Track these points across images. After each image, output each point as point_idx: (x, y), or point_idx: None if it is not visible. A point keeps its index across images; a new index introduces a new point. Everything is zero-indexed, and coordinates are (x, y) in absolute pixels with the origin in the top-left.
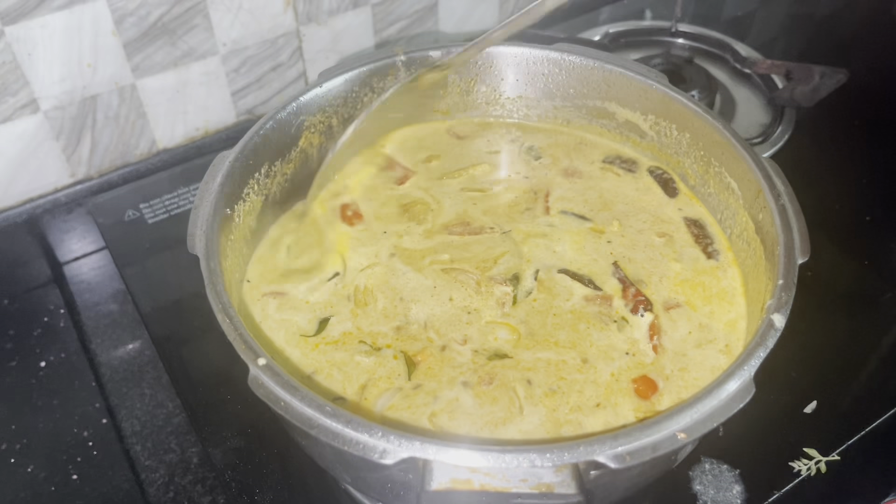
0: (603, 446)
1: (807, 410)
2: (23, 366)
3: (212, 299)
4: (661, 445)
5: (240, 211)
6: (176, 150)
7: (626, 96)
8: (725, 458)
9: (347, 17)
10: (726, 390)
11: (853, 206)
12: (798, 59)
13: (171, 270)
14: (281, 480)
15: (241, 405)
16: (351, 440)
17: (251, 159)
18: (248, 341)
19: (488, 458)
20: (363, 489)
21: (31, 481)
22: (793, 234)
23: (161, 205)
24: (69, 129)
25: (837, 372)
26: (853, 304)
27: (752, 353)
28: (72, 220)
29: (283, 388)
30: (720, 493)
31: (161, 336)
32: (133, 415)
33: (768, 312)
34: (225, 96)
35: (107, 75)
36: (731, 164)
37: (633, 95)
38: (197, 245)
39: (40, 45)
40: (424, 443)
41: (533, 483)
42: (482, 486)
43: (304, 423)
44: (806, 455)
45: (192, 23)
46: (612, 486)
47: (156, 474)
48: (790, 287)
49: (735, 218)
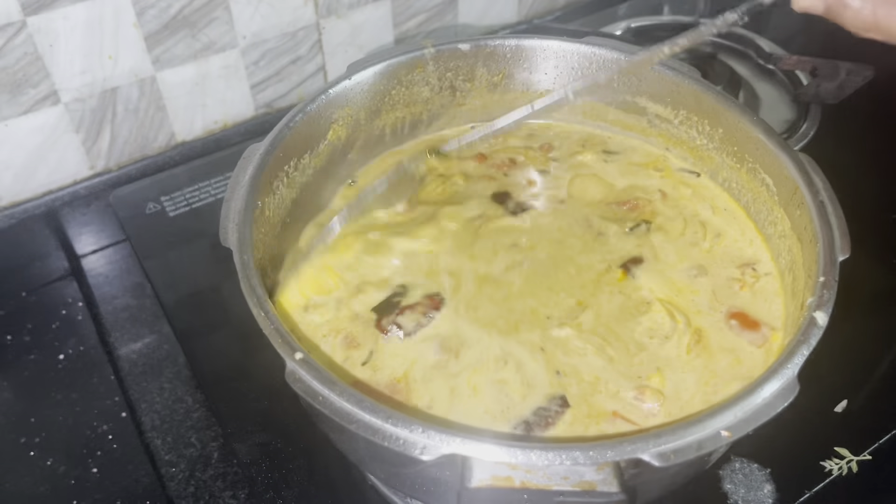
0: (647, 444)
1: (837, 409)
2: (41, 359)
3: (246, 293)
4: (705, 444)
5: (270, 204)
6: (194, 143)
7: (657, 91)
8: (756, 457)
9: (367, 11)
10: (770, 389)
11: (880, 205)
12: (822, 54)
13: (192, 264)
14: (307, 476)
15: (265, 400)
16: (391, 435)
17: (281, 152)
18: (284, 336)
19: (530, 455)
20: (396, 485)
21: (50, 475)
22: (832, 231)
23: (182, 197)
24: (89, 122)
25: (867, 371)
26: (882, 302)
27: (795, 350)
28: (90, 212)
29: (322, 383)
30: (751, 492)
31: (182, 329)
32: (153, 409)
33: (810, 310)
34: (244, 89)
35: (127, 68)
36: (765, 160)
37: (664, 90)
38: (230, 238)
39: (62, 36)
40: (465, 439)
41: (575, 481)
42: (523, 484)
43: (342, 418)
44: (837, 454)
45: (212, 15)
46: (649, 486)
47: (176, 469)
48: (832, 285)
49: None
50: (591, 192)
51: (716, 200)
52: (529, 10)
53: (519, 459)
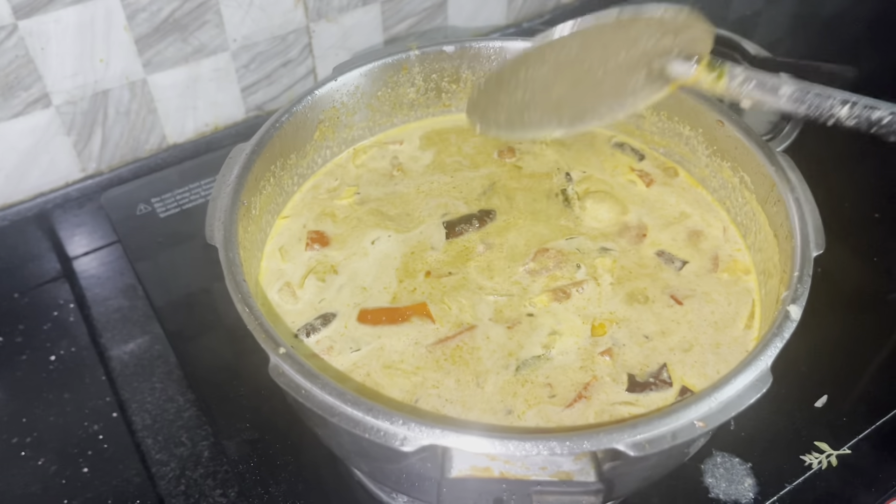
0: (622, 434)
1: (818, 404)
2: (33, 360)
3: (231, 289)
4: (680, 434)
5: (256, 203)
6: (185, 145)
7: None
8: (737, 451)
9: (357, 14)
10: (744, 380)
11: (862, 203)
12: (806, 57)
13: (183, 265)
14: (295, 473)
15: (255, 398)
16: (372, 427)
17: (267, 152)
18: (268, 330)
19: (508, 445)
20: (380, 479)
21: (42, 475)
22: (808, 228)
23: (173, 199)
24: (80, 124)
25: (847, 367)
26: (862, 300)
27: (769, 343)
28: (82, 214)
29: (304, 377)
30: (732, 486)
31: (173, 330)
32: (143, 409)
33: (784, 304)
34: (235, 92)
35: (118, 70)
36: (744, 159)
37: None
38: (216, 236)
39: (53, 39)
40: (445, 430)
41: (552, 471)
42: (502, 474)
43: (324, 411)
44: (817, 449)
45: (203, 18)
46: (628, 477)
47: (167, 468)
48: (806, 279)
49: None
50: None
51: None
52: (519, 14)
53: (498, 450)
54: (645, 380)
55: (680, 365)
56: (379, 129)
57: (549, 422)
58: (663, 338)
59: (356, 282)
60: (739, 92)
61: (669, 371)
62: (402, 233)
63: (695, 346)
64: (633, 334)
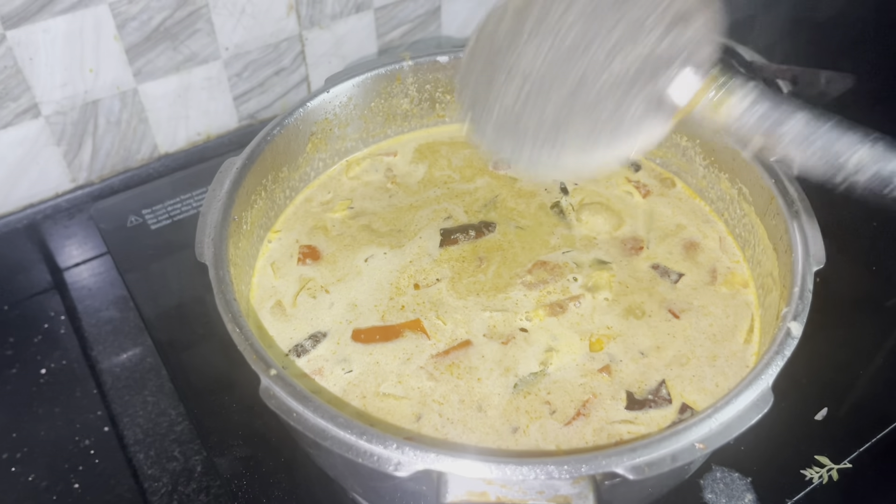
0: (621, 458)
1: (818, 418)
2: (23, 373)
3: (221, 309)
4: (680, 456)
5: (247, 218)
6: (177, 155)
7: None
8: (737, 466)
9: (350, 22)
10: (744, 400)
11: (862, 212)
12: (803, 63)
13: (174, 276)
14: (288, 490)
15: (247, 413)
16: (365, 452)
17: (259, 165)
18: (259, 351)
19: (504, 470)
20: (374, 500)
21: (32, 490)
22: (808, 241)
23: (164, 210)
24: (70, 135)
25: (847, 379)
26: (862, 310)
27: (770, 362)
28: (72, 225)
29: (296, 399)
30: (732, 501)
31: (164, 342)
32: (135, 423)
33: (785, 321)
34: (227, 101)
35: (108, 80)
36: (741, 170)
37: None
38: (206, 253)
39: (42, 49)
40: (440, 454)
41: (550, 495)
42: (498, 499)
43: (316, 435)
44: (817, 463)
45: (194, 27)
46: (626, 498)
47: (158, 483)
48: (806, 295)
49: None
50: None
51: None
52: None
53: (494, 475)
54: (644, 397)
55: (678, 380)
56: (372, 140)
57: (549, 438)
58: (659, 353)
59: (348, 299)
60: (744, 124)
61: (668, 387)
62: (396, 248)
63: (691, 360)
64: (629, 349)
